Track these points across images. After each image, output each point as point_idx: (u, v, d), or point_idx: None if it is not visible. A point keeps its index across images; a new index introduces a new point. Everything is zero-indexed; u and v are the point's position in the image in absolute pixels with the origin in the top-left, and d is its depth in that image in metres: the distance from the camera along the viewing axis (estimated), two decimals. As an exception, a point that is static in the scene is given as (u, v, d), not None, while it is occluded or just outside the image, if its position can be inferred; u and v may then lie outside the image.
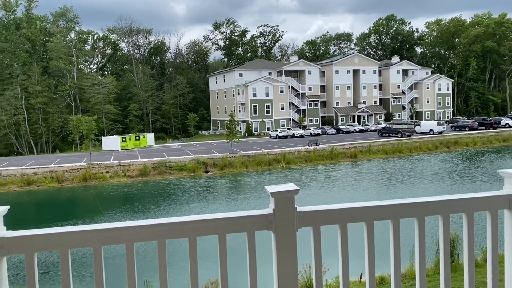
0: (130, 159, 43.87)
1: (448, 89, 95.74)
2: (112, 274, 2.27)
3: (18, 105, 72.23)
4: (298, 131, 67.25)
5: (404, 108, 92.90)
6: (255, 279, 2.09)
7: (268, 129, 75.18)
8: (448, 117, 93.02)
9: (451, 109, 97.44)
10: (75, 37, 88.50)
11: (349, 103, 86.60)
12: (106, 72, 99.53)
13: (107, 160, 43.54)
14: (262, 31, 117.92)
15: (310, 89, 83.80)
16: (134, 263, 1.99)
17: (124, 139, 59.65)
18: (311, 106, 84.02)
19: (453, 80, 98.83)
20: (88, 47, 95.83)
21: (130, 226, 1.99)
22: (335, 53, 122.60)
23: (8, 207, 1.92)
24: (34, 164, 43.02)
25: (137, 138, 62.11)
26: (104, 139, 61.86)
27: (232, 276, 2.14)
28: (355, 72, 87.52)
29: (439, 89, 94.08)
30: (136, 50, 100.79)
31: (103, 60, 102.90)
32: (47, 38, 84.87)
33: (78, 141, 65.00)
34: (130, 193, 34.52)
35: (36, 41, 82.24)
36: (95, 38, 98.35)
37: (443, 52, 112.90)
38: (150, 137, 66.30)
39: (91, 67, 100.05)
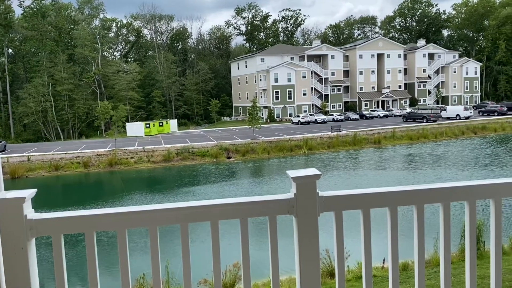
0: (153, 145, 44.55)
1: (476, 73, 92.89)
2: (132, 257, 2.32)
3: (45, 92, 73.99)
4: (320, 117, 66.69)
5: (429, 93, 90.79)
6: (277, 263, 2.09)
7: (290, 115, 74.77)
8: (475, 102, 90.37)
9: (479, 94, 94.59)
10: (99, 25, 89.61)
11: (373, 88, 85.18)
12: (129, 59, 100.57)
13: (131, 146, 44.33)
14: (284, 15, 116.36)
15: (333, 74, 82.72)
16: (158, 246, 2.02)
17: (147, 125, 60.54)
18: (334, 91, 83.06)
19: (481, 64, 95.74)
20: (112, 34, 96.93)
21: (154, 209, 2.01)
22: (359, 37, 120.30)
23: (35, 190, 1.96)
24: (61, 150, 44.16)
25: (161, 124, 62.90)
26: (129, 125, 62.86)
27: (254, 259, 2.15)
28: (380, 56, 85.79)
29: (467, 73, 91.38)
30: (158, 37, 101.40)
31: (126, 47, 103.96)
32: (72, 26, 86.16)
33: (103, 127, 66.25)
34: (154, 178, 35.11)
35: (62, 29, 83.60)
36: (118, 25, 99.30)
37: (471, 34, 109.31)
38: (173, 123, 67.08)
39: (115, 54, 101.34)
